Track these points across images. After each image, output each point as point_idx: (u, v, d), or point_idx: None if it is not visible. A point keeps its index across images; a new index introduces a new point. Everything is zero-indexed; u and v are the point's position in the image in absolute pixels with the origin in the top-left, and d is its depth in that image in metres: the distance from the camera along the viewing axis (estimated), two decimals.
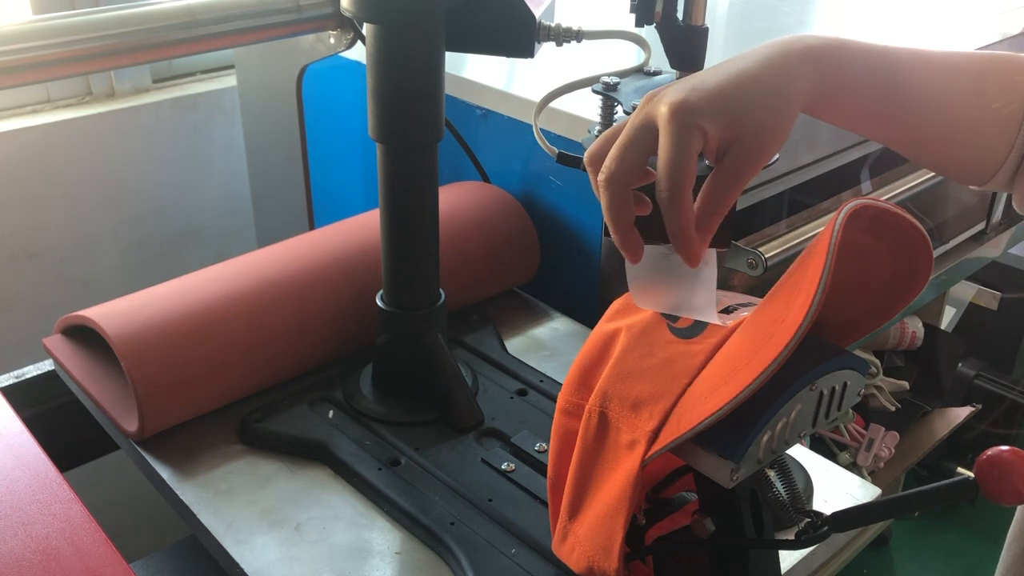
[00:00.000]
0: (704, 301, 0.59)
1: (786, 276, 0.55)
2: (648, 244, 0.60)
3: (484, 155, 1.08)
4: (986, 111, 0.62)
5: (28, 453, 0.71)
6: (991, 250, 1.50)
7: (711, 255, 0.59)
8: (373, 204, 0.83)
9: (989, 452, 0.53)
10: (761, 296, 0.58)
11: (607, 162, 0.56)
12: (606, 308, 0.63)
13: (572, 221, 1.02)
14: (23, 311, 1.38)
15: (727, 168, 0.55)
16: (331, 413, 0.84)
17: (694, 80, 0.56)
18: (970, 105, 0.63)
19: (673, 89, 0.55)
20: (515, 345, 0.97)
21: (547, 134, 0.96)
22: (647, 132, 0.55)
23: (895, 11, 1.44)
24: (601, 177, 0.56)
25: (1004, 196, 1.46)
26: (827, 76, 0.59)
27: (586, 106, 0.92)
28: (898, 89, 0.62)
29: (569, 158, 0.72)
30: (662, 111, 0.54)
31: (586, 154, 0.59)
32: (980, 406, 1.86)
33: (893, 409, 1.76)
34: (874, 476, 1.68)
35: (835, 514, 0.57)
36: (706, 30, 0.70)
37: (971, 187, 0.68)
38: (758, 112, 0.55)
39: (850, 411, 1.66)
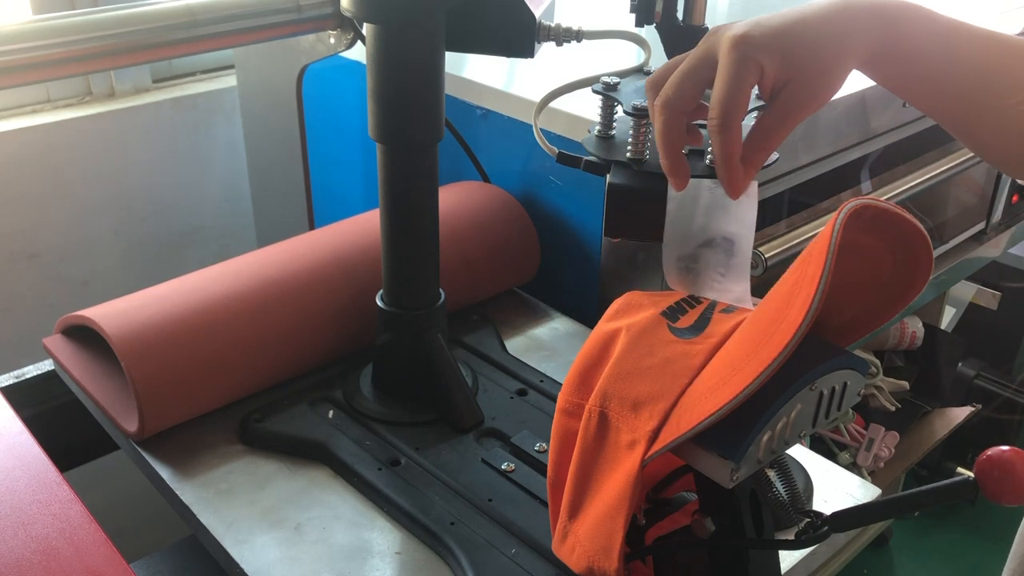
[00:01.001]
0: (740, 233, 0.61)
1: (786, 276, 0.55)
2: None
3: (484, 155, 1.08)
4: None
5: (28, 453, 0.71)
6: (991, 250, 1.50)
7: (753, 189, 0.60)
8: (373, 204, 0.83)
9: (989, 452, 0.53)
10: (761, 296, 0.58)
11: (665, 87, 0.58)
12: (606, 308, 0.63)
13: (572, 221, 1.02)
14: (23, 311, 1.38)
15: (779, 106, 0.57)
16: (331, 413, 0.84)
17: (759, 18, 0.57)
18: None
19: (737, 24, 0.57)
20: (515, 345, 0.97)
21: (547, 134, 0.96)
22: (707, 63, 0.57)
23: None
24: (657, 102, 0.58)
25: (1004, 196, 1.46)
26: (888, 35, 0.60)
27: (586, 106, 0.92)
28: (959, 64, 0.62)
29: (569, 158, 0.72)
30: (723, 43, 0.56)
31: (648, 80, 0.61)
32: (980, 406, 1.86)
33: (893, 409, 1.76)
34: (874, 476, 1.68)
35: (835, 514, 0.57)
36: (706, 30, 0.70)
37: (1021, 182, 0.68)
38: (814, 56, 0.57)
39: (850, 411, 1.66)
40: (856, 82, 0.61)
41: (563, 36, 0.79)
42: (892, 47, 0.60)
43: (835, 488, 0.79)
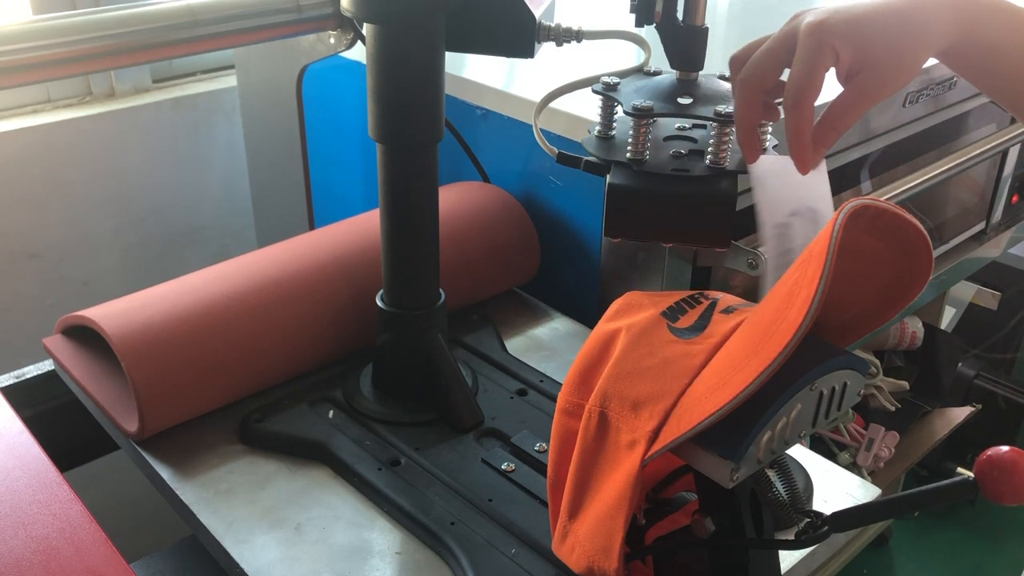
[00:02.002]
0: (819, 206, 0.65)
1: (786, 276, 0.55)
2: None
3: (484, 155, 1.08)
4: None
5: (28, 453, 0.71)
6: (991, 250, 1.50)
7: (822, 165, 0.64)
8: (373, 204, 0.83)
9: (989, 452, 0.53)
10: (761, 296, 0.58)
11: (746, 67, 0.62)
12: (606, 308, 0.63)
13: (572, 221, 1.02)
14: (23, 311, 1.38)
15: (852, 90, 0.60)
16: (331, 413, 0.84)
17: (840, 5, 0.60)
18: None
19: (818, 10, 0.59)
20: (515, 345, 0.97)
21: (547, 134, 0.96)
22: (787, 44, 0.60)
23: None
24: (739, 78, 0.62)
25: (1004, 196, 1.46)
26: (967, 28, 0.61)
27: (586, 106, 0.92)
28: None
29: (569, 158, 0.72)
30: (802, 28, 0.59)
31: (731, 56, 0.65)
32: (980, 406, 1.86)
33: (893, 409, 1.76)
34: (874, 476, 1.68)
35: (835, 514, 0.57)
36: (706, 30, 0.70)
37: None
38: (889, 44, 0.59)
39: (850, 411, 1.66)
40: None
41: (563, 36, 0.79)
42: (971, 41, 0.61)
43: (835, 488, 0.79)
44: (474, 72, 1.10)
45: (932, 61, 0.63)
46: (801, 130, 0.60)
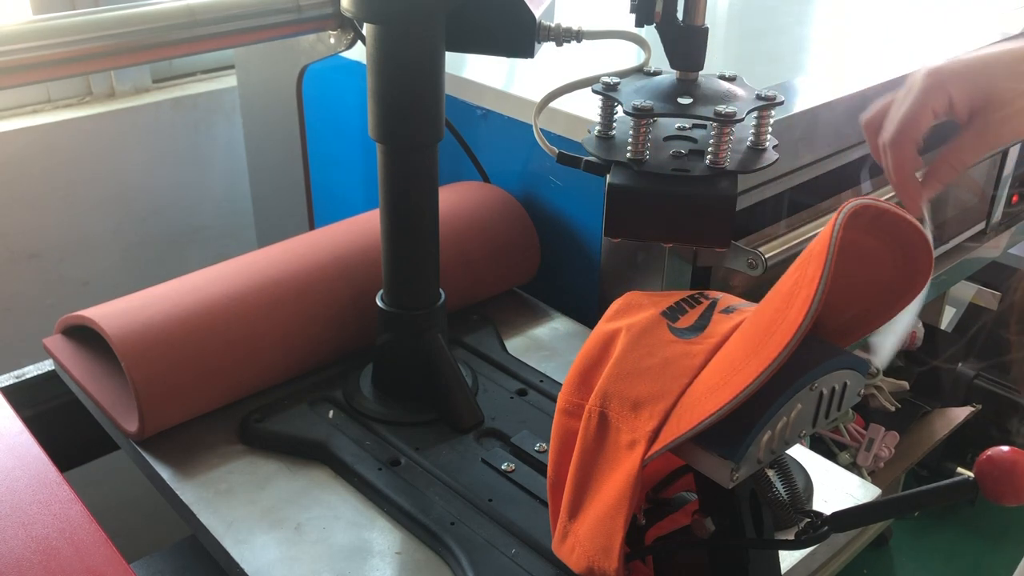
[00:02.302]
0: None
1: (786, 276, 0.55)
2: None
3: (484, 155, 1.08)
4: None
5: (28, 453, 0.71)
6: (991, 250, 1.50)
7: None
8: (373, 204, 0.83)
9: (989, 452, 0.53)
10: (761, 296, 0.58)
11: (895, 130, 0.62)
12: (606, 308, 0.63)
13: (572, 221, 1.02)
14: (23, 311, 1.38)
15: (969, 133, 0.61)
16: (331, 413, 0.84)
17: (962, 53, 0.61)
18: None
19: (940, 57, 0.61)
20: (515, 345, 0.97)
21: (547, 134, 0.96)
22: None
23: (894, 11, 1.43)
24: (890, 140, 0.63)
25: (1004, 196, 1.45)
26: None
27: (586, 106, 0.92)
28: None
29: (569, 158, 0.72)
30: (922, 71, 0.61)
31: (864, 121, 0.67)
32: (980, 406, 1.86)
33: (893, 409, 1.76)
34: (874, 476, 1.68)
35: (835, 514, 0.57)
36: (706, 30, 0.70)
37: None
38: (1006, 89, 0.60)
39: (850, 411, 1.66)
40: (856, 82, 0.61)
41: (563, 36, 0.79)
42: None
43: (835, 488, 0.79)
44: (474, 72, 1.10)
45: None
46: (903, 165, 0.61)
